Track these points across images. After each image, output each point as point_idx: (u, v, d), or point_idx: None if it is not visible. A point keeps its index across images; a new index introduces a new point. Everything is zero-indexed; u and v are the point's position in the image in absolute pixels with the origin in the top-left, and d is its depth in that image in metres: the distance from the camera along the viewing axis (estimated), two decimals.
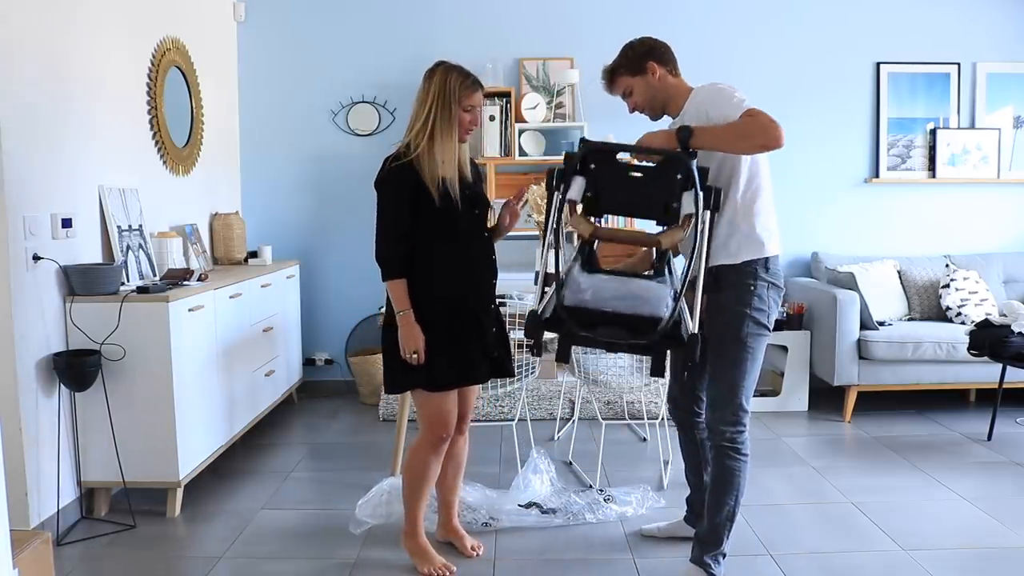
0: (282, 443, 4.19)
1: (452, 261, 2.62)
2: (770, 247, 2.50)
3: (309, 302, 5.09)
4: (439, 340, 2.59)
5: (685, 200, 2.25)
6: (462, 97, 2.57)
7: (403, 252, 2.59)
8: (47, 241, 3.02)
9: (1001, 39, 5.09)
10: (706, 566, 2.59)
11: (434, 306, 2.59)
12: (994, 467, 3.77)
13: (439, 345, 2.59)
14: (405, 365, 2.59)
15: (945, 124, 5.12)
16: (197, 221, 4.38)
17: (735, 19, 5.03)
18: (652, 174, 2.29)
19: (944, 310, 4.70)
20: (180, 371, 3.19)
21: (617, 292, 2.19)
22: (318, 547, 2.97)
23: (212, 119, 4.59)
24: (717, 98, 2.41)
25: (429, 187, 2.54)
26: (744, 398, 2.50)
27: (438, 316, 2.60)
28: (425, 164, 2.55)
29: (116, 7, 3.54)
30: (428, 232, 2.58)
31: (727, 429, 2.52)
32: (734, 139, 2.31)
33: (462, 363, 2.64)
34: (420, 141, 2.56)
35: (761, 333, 2.50)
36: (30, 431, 2.89)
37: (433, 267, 2.60)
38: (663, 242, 2.27)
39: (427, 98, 2.58)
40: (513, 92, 4.86)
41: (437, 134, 2.55)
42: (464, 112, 2.59)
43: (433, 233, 2.59)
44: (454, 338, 2.61)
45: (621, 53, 2.63)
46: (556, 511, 3.13)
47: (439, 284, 2.60)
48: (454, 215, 2.57)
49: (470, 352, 2.65)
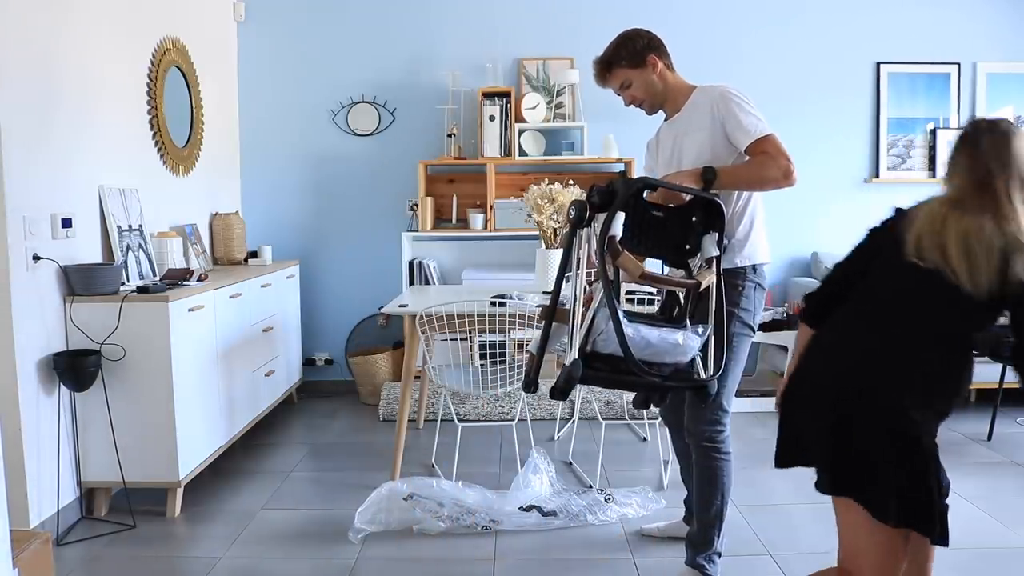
0: (282, 443, 4.19)
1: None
2: (760, 254, 2.53)
3: (309, 302, 5.09)
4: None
5: (707, 242, 2.22)
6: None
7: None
8: (47, 241, 3.02)
9: (1001, 39, 5.08)
10: (700, 567, 2.59)
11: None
12: (994, 467, 3.77)
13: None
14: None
15: (945, 124, 5.12)
16: (197, 221, 4.38)
17: (736, 19, 5.03)
18: (671, 214, 2.24)
19: None
20: (180, 371, 3.19)
21: (661, 341, 2.06)
22: (318, 547, 2.97)
23: (212, 119, 4.59)
24: (736, 111, 2.41)
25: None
26: (725, 398, 2.51)
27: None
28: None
29: (116, 7, 3.54)
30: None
31: (707, 429, 2.52)
32: (756, 183, 2.41)
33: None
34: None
35: (746, 333, 2.52)
36: (30, 431, 2.89)
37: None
38: (703, 284, 2.21)
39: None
40: (513, 92, 4.86)
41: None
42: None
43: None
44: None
45: (619, 45, 2.58)
46: (556, 513, 3.13)
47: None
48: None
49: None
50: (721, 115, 2.42)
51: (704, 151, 2.45)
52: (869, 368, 1.82)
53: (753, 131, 2.37)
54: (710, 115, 2.45)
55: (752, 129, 2.37)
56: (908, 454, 1.83)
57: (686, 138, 2.51)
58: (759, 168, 2.36)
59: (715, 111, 2.44)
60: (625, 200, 2.07)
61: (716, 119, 2.43)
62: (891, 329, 1.83)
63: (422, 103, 5.00)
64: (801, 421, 1.91)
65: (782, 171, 2.34)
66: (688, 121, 2.52)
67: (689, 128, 2.50)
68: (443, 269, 5.10)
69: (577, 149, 4.89)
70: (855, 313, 1.91)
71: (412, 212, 4.94)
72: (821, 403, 1.85)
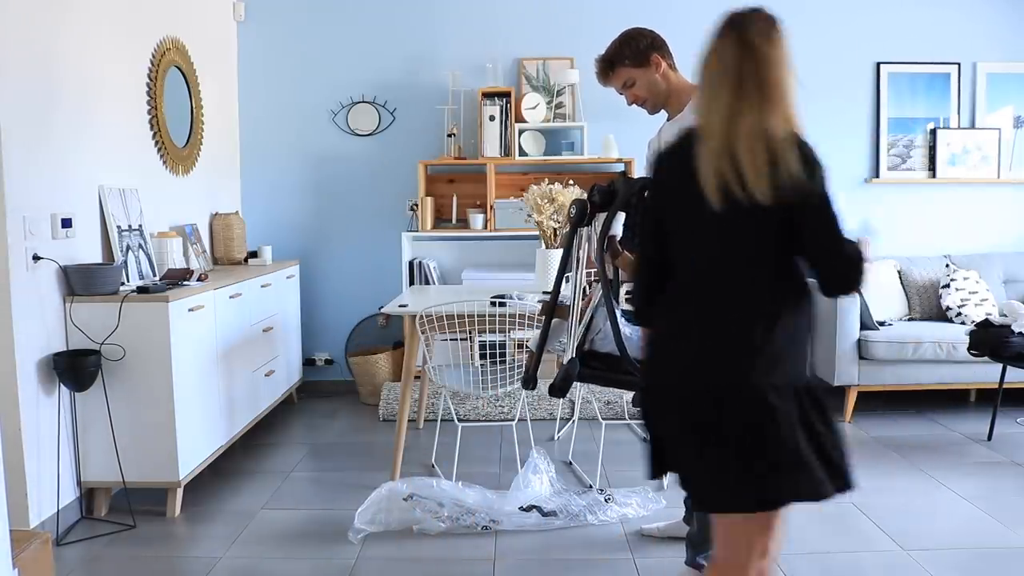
0: (282, 443, 4.19)
1: None
2: None
3: (309, 302, 5.09)
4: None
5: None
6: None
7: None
8: (47, 241, 3.02)
9: (1001, 39, 5.08)
10: (700, 567, 2.58)
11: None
12: (994, 467, 3.77)
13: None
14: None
15: (945, 124, 5.12)
16: (197, 221, 4.38)
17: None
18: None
19: (944, 310, 4.70)
20: (180, 371, 3.19)
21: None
22: (318, 547, 2.96)
23: (212, 119, 4.59)
24: None
25: None
26: None
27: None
28: None
29: (116, 7, 3.54)
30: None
31: None
32: None
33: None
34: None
35: None
36: (30, 431, 2.89)
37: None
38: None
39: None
40: (513, 92, 4.85)
41: None
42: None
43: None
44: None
45: (622, 43, 2.57)
46: (556, 513, 3.13)
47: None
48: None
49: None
50: None
51: None
52: (712, 359, 1.68)
53: None
54: None
55: None
56: (768, 443, 1.70)
57: None
58: None
59: None
60: (626, 200, 2.05)
61: None
62: (719, 302, 1.69)
63: (422, 103, 5.00)
64: (661, 429, 1.79)
65: None
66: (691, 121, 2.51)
67: None
68: (443, 269, 5.10)
69: (577, 149, 4.89)
70: (678, 300, 1.76)
71: (412, 212, 4.94)
72: (675, 409, 1.72)
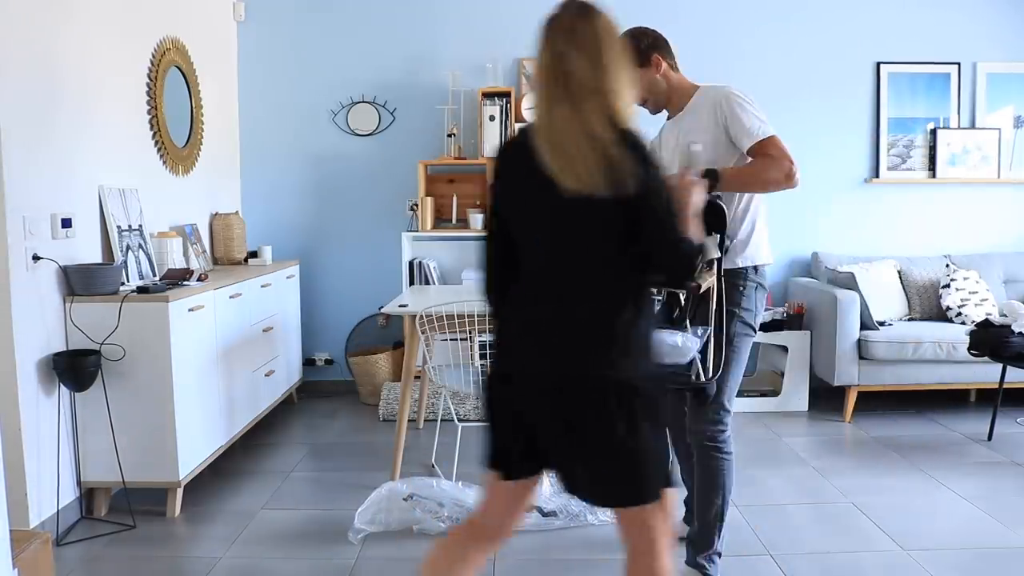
0: (282, 443, 4.19)
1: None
2: (762, 255, 2.54)
3: (309, 302, 5.09)
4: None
5: (709, 244, 2.20)
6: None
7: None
8: (47, 241, 3.02)
9: (1001, 39, 5.08)
10: (700, 567, 2.58)
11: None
12: (994, 467, 3.77)
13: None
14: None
15: (945, 124, 5.12)
16: (197, 221, 4.38)
17: (736, 19, 5.03)
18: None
19: (944, 310, 4.70)
20: (180, 371, 3.19)
21: (660, 343, 2.03)
22: (318, 547, 2.96)
23: (212, 119, 4.59)
24: (739, 113, 2.41)
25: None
26: (727, 398, 2.51)
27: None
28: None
29: (116, 7, 3.54)
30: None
31: (708, 428, 2.52)
32: (759, 184, 2.42)
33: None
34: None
35: (747, 333, 2.52)
36: (30, 431, 2.89)
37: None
38: (702, 287, 2.19)
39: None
40: (513, 92, 4.85)
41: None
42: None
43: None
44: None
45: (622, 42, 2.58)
46: (556, 513, 3.13)
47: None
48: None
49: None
50: (724, 116, 2.42)
51: (707, 152, 2.45)
52: (555, 351, 1.69)
53: (756, 133, 2.38)
54: (713, 116, 2.45)
55: (755, 131, 2.38)
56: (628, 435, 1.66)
57: (689, 139, 2.51)
58: (762, 170, 2.37)
59: (718, 112, 2.44)
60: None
61: (719, 120, 2.44)
62: (562, 294, 1.71)
63: (422, 103, 5.00)
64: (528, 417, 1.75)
65: (784, 173, 2.35)
66: (692, 122, 2.52)
67: (693, 129, 2.51)
68: (443, 269, 5.09)
69: None
70: (524, 291, 1.78)
71: (412, 212, 4.94)
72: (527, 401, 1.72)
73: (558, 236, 1.71)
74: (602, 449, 1.67)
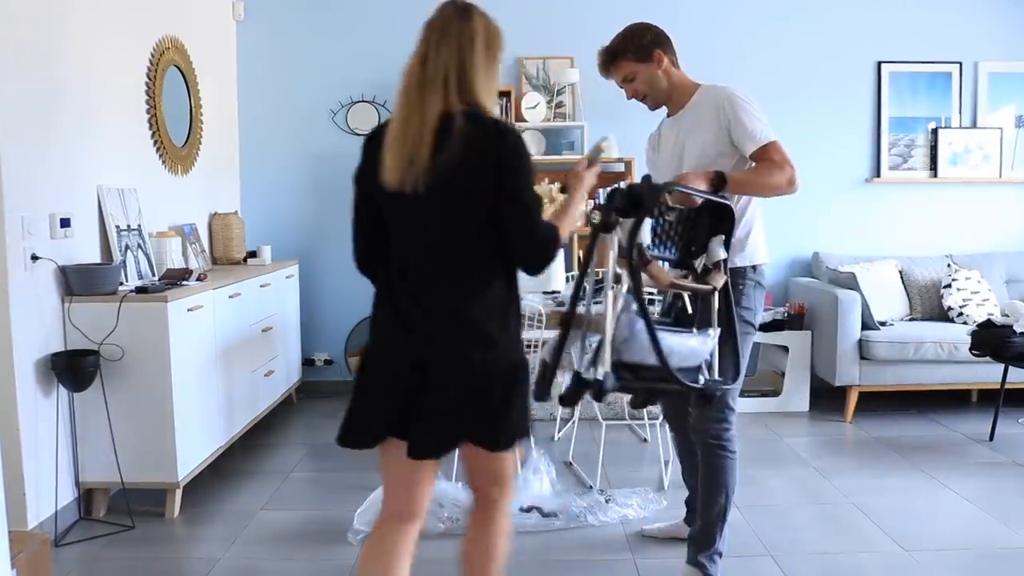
0: (281, 443, 4.18)
1: None
2: (760, 255, 2.55)
3: (308, 302, 5.08)
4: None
5: (715, 245, 2.19)
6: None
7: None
8: (45, 241, 3.01)
9: (1003, 38, 5.07)
10: (701, 566, 2.58)
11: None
12: (996, 468, 3.76)
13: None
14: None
15: (947, 123, 5.11)
16: (196, 221, 4.37)
17: (737, 18, 5.02)
18: (680, 217, 2.19)
19: (946, 310, 4.69)
20: (179, 371, 3.18)
21: (680, 347, 2.02)
22: (317, 548, 2.96)
23: (211, 119, 4.58)
24: (743, 117, 2.40)
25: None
26: (731, 396, 2.51)
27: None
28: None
29: (115, 7, 3.53)
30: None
31: (713, 427, 2.52)
32: (762, 189, 2.43)
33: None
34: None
35: (748, 332, 2.53)
36: (28, 431, 2.88)
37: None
38: (718, 288, 2.17)
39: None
40: (513, 91, 4.85)
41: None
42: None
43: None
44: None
45: (626, 37, 2.56)
46: (557, 514, 3.12)
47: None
48: None
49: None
50: (727, 119, 2.42)
51: (707, 152, 2.45)
52: (418, 332, 1.91)
53: (759, 137, 2.39)
54: (715, 117, 2.44)
55: (759, 136, 2.39)
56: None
57: (689, 138, 2.51)
58: (766, 176, 2.38)
59: (720, 114, 2.44)
60: (652, 207, 2.04)
61: (722, 122, 2.43)
62: (424, 278, 1.89)
63: None
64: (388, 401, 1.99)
65: (787, 179, 2.37)
66: (692, 120, 2.52)
67: (693, 128, 2.50)
68: None
69: (577, 149, 4.88)
70: (392, 277, 1.98)
71: None
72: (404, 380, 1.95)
73: (417, 224, 1.87)
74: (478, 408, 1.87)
